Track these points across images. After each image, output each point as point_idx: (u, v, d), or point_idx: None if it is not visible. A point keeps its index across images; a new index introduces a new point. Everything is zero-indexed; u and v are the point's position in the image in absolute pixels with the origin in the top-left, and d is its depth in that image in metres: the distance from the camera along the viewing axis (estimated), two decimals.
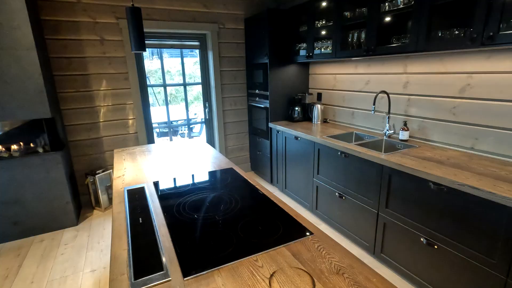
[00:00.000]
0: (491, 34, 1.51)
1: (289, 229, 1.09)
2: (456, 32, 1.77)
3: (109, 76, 3.05)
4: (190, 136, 4.94)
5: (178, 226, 1.13)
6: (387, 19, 2.18)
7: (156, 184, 1.58)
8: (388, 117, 2.46)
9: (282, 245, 0.99)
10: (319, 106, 3.19)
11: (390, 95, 2.49)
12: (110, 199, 3.18)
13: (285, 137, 3.09)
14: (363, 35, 2.39)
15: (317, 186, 2.70)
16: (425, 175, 1.66)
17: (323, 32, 2.84)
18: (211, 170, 1.79)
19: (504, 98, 1.77)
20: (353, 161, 2.21)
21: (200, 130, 5.90)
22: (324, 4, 2.72)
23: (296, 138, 2.87)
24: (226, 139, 3.87)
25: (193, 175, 1.70)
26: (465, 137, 2.01)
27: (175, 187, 1.53)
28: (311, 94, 3.36)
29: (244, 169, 4.13)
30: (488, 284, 1.47)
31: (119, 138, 3.23)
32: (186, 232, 1.09)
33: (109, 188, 3.15)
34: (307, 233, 1.06)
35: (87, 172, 3.11)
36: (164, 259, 0.93)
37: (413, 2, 1.87)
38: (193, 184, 1.57)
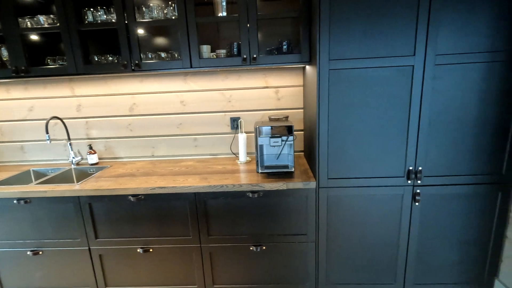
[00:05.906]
0: (137, 62, 1.83)
1: None
2: (111, 58, 1.95)
3: None
4: None
5: None
6: (35, 37, 1.93)
7: None
8: (70, 144, 2.24)
9: None
10: None
11: (64, 120, 2.28)
12: None
13: None
14: (5, 53, 1.94)
15: None
16: (123, 191, 1.73)
17: None
18: None
19: (164, 112, 2.25)
20: (40, 204, 1.80)
21: None
22: None
23: None
24: None
25: None
26: (145, 147, 2.33)
27: None
28: None
29: None
30: (194, 255, 1.87)
31: None
32: None
33: None
34: None
35: None
36: None
37: (58, 24, 1.79)
38: None
